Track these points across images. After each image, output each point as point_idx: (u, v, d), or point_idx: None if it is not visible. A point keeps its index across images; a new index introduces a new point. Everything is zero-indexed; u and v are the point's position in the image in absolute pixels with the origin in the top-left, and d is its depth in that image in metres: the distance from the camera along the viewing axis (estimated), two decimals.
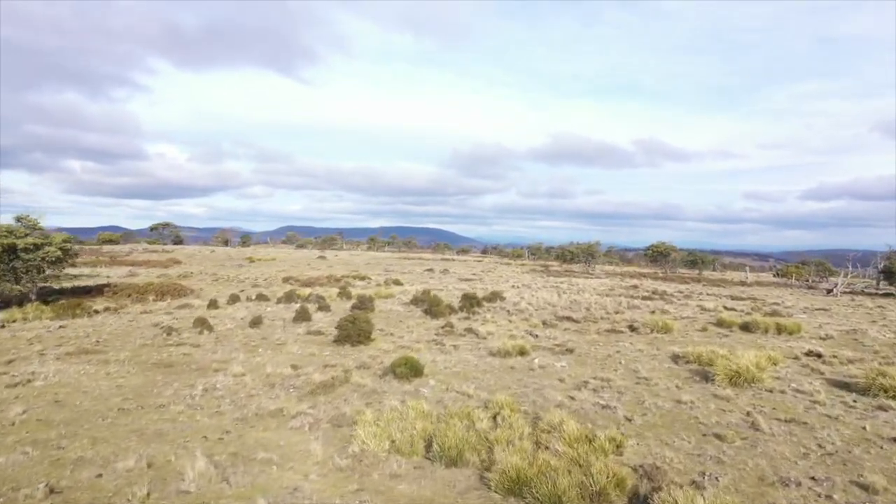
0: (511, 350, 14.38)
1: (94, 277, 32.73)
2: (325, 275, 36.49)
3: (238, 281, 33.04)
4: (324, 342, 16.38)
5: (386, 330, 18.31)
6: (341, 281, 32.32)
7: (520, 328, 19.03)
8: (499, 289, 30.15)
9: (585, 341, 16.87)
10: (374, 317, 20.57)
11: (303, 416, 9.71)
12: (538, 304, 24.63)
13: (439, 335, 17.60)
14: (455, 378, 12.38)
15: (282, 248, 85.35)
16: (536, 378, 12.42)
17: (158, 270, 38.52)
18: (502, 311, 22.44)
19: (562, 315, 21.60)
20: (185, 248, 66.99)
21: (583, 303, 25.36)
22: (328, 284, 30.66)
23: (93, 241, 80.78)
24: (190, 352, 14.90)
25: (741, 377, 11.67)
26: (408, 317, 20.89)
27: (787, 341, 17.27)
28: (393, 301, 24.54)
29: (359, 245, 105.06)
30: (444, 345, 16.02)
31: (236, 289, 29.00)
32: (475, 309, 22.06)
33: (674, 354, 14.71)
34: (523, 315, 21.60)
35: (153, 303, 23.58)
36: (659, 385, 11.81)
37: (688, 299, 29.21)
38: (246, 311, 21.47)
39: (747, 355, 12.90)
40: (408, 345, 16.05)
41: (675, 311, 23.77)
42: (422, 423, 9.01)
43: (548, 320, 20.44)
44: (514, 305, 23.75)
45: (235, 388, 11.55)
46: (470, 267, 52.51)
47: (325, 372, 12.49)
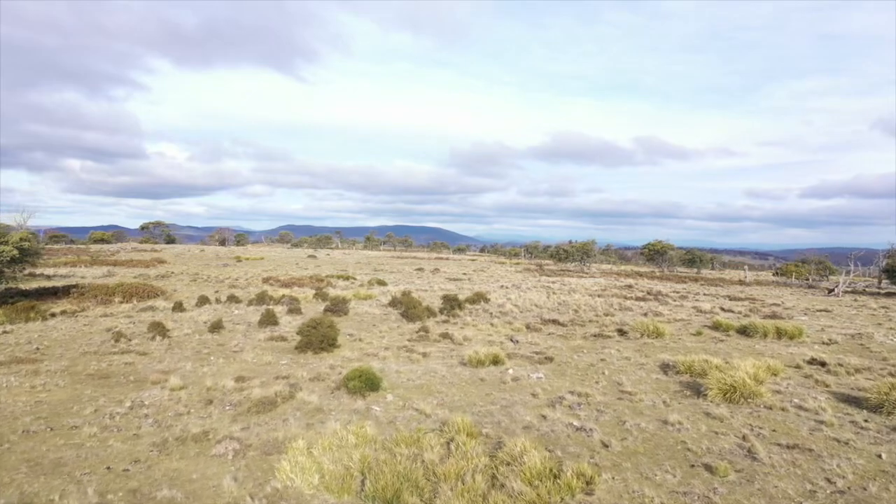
0: (484, 359, 12.99)
1: (67, 278, 31.36)
2: (309, 275, 35.12)
3: (217, 281, 31.67)
4: (284, 349, 15.00)
5: (356, 335, 16.95)
6: (324, 281, 30.97)
7: (501, 333, 17.67)
8: (486, 289, 28.79)
9: (569, 348, 15.50)
10: (346, 321, 19.23)
11: (229, 442, 8.34)
12: (524, 305, 23.25)
13: (412, 341, 16.23)
14: (416, 393, 11.00)
15: (275, 248, 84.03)
16: (507, 392, 11.03)
17: (139, 270, 37.16)
18: (485, 314, 21.06)
19: (548, 318, 20.23)
20: (174, 248, 65.64)
21: (572, 304, 23.97)
22: (309, 285, 29.29)
23: (84, 240, 79.50)
24: (134, 361, 13.52)
25: (737, 392, 10.29)
26: (383, 320, 19.53)
27: (787, 347, 15.89)
28: (371, 303, 23.17)
29: (355, 244, 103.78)
30: (413, 352, 14.64)
31: (212, 290, 27.65)
32: (456, 311, 20.69)
33: (663, 363, 13.33)
34: (507, 318, 20.22)
35: (118, 305, 22.22)
36: (644, 401, 10.43)
37: (683, 300, 27.83)
38: (212, 313, 20.11)
39: (744, 365, 11.54)
40: (374, 352, 14.68)
41: (669, 313, 22.39)
42: (362, 451, 7.66)
43: (532, 324, 19.06)
44: (498, 307, 22.37)
45: (166, 405, 10.18)
46: (462, 266, 51.14)
47: (271, 386, 11.11)
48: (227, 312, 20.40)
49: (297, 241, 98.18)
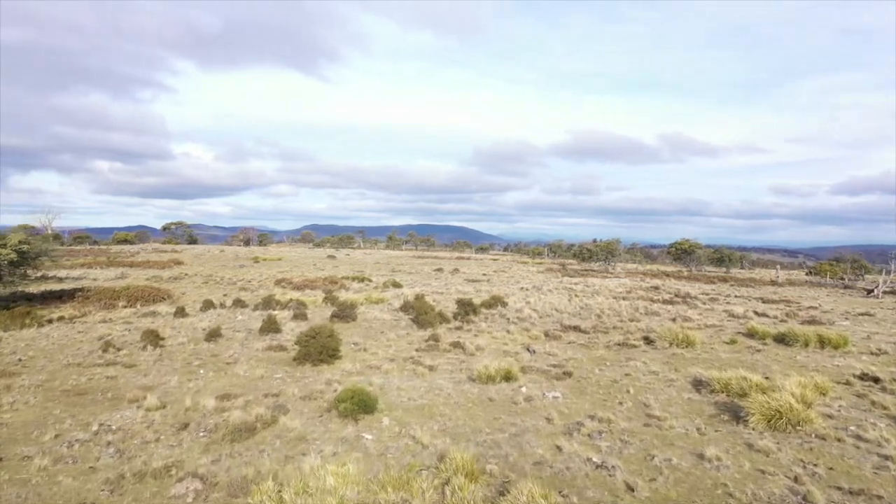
0: (495, 374, 11.69)
1: (79, 280, 30.73)
2: (324, 276, 34.12)
3: (229, 283, 30.79)
4: (281, 361, 13.87)
5: (361, 344, 15.76)
6: (338, 284, 29.91)
7: (517, 341, 16.36)
8: (504, 292, 27.46)
9: (590, 359, 14.12)
10: (353, 327, 18.08)
11: (192, 480, 7.19)
12: (544, 310, 21.88)
13: (420, 351, 15.00)
14: (416, 415, 9.76)
15: (296, 248, 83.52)
16: (518, 416, 9.73)
17: (153, 272, 36.51)
18: (501, 320, 19.73)
19: (568, 324, 18.86)
20: (195, 248, 65.32)
21: (595, 308, 22.54)
22: (322, 287, 28.24)
23: (108, 241, 79.80)
24: (117, 374, 12.49)
25: (783, 418, 8.88)
26: (392, 327, 18.32)
27: (832, 358, 14.33)
28: (382, 307, 21.98)
29: (377, 244, 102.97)
30: (420, 364, 13.40)
31: (221, 292, 26.74)
32: (470, 317, 19.40)
33: (695, 379, 11.91)
34: (524, 324, 18.89)
35: (120, 310, 21.35)
36: (675, 428, 9.05)
37: (714, 303, 26.21)
38: (214, 319, 19.11)
39: (789, 384, 10.10)
40: (378, 364, 13.47)
41: (698, 318, 20.86)
42: (341, 495, 6.45)
43: (551, 331, 17.72)
44: (516, 312, 21.02)
45: (136, 430, 9.08)
46: (483, 267, 49.81)
47: (255, 406, 9.96)
48: (229, 318, 19.39)
49: (319, 240, 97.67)
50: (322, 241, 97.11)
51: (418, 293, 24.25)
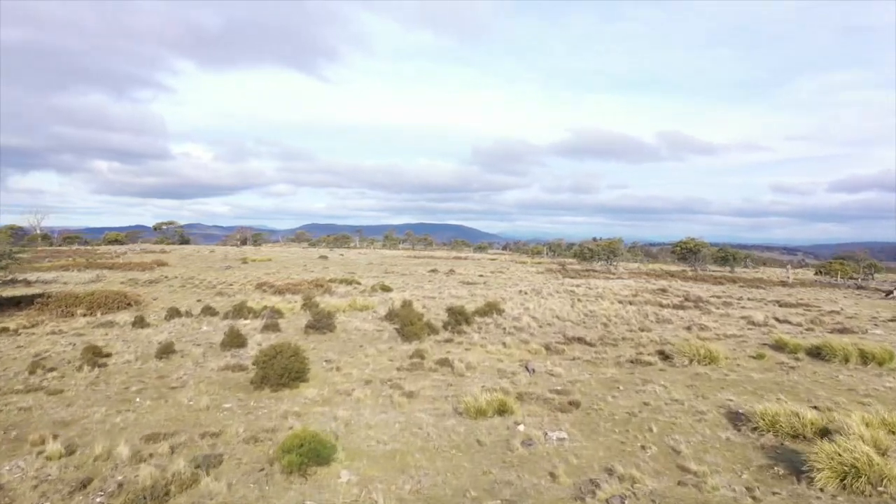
0: (486, 407, 9.52)
1: (47, 284, 28.58)
2: (311, 279, 31.96)
3: (208, 287, 28.61)
4: (237, 384, 11.73)
5: (335, 361, 13.62)
6: (323, 287, 27.73)
7: (514, 357, 14.23)
8: (501, 295, 25.32)
9: (599, 381, 11.98)
10: (330, 340, 15.95)
11: None
12: (544, 317, 19.73)
13: (402, 370, 12.86)
14: (384, 467, 7.61)
15: (290, 248, 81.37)
16: (514, 469, 7.57)
17: (132, 274, 34.38)
18: (497, 330, 17.57)
19: (572, 335, 16.72)
20: (185, 248, 63.15)
21: (600, 315, 20.40)
22: (305, 291, 26.08)
23: (98, 240, 77.65)
24: (34, 404, 10.33)
25: (861, 475, 6.75)
26: (374, 339, 16.17)
27: (879, 377, 12.26)
28: (366, 315, 19.83)
29: (373, 243, 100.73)
30: (399, 389, 11.27)
31: (195, 297, 24.59)
32: (462, 327, 17.25)
33: (729, 410, 9.77)
34: (522, 335, 16.73)
35: (78, 318, 19.19)
36: (719, 489, 6.89)
37: (728, 307, 24.09)
38: (175, 330, 16.98)
39: (854, 424, 7.97)
40: (349, 389, 11.33)
41: (715, 325, 18.73)
42: None
43: (552, 343, 15.57)
44: (513, 321, 18.85)
45: (19, 491, 6.95)
46: (480, 267, 47.65)
47: (179, 456, 7.81)
48: (193, 329, 17.25)
49: (315, 240, 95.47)
50: (318, 240, 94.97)
51: (407, 299, 22.10)
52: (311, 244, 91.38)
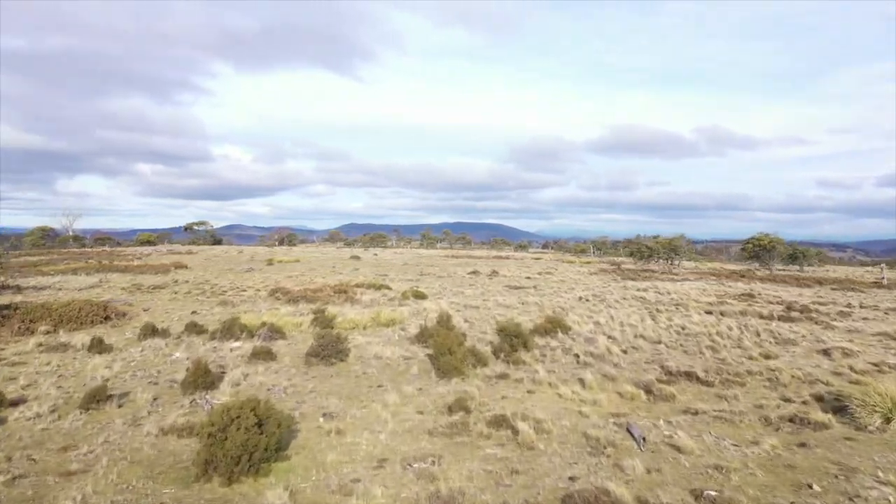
0: None
1: (41, 290, 24.89)
2: (335, 283, 27.64)
3: (216, 293, 24.47)
4: (175, 467, 7.24)
5: (339, 416, 9.03)
6: (347, 293, 23.31)
7: (601, 405, 9.48)
8: (559, 304, 20.46)
9: (763, 466, 7.10)
10: (339, 375, 11.43)
11: None
12: (625, 336, 14.86)
13: (437, 434, 8.22)
14: None
15: (323, 248, 77.64)
16: None
17: (141, 278, 30.64)
18: (566, 358, 12.76)
19: (673, 366, 11.82)
20: (213, 249, 59.78)
21: (695, 332, 15.45)
22: (323, 299, 21.68)
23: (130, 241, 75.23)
24: None
25: None
26: (399, 374, 11.57)
27: None
28: (391, 333, 15.25)
29: (410, 242, 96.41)
30: (433, 479, 6.66)
31: (194, 307, 20.43)
32: (519, 354, 12.52)
33: None
34: (604, 366, 11.92)
35: (37, 336, 15.14)
36: None
37: (845, 318, 18.84)
38: (139, 358, 12.70)
39: None
40: (352, 480, 6.76)
41: (859, 349, 13.62)
42: None
43: (650, 381, 10.71)
44: (585, 343, 14.00)
45: None
46: (525, 267, 42.74)
47: None
48: (163, 357, 12.94)
49: (351, 240, 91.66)
50: (353, 240, 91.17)
51: (443, 310, 17.42)
52: (346, 244, 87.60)
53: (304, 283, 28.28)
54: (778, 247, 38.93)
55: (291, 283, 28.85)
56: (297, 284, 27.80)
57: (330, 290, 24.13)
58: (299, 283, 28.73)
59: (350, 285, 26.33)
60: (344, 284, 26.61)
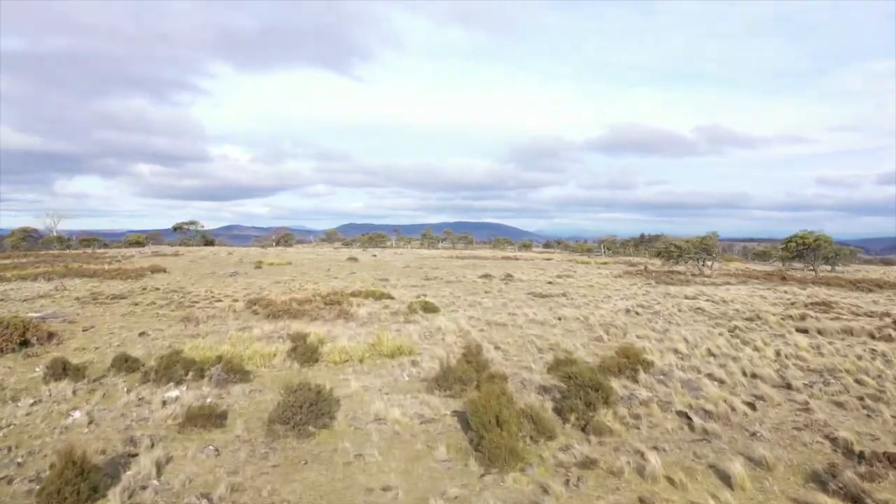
0: None
1: None
2: (329, 290, 23.19)
3: (185, 305, 19.91)
4: None
5: None
6: (341, 305, 18.86)
7: None
8: (606, 320, 15.95)
9: None
10: (318, 462, 6.91)
11: None
12: (728, 372, 10.39)
13: None
14: None
15: (320, 248, 73.10)
16: None
17: (106, 285, 26.16)
18: (670, 416, 8.31)
19: (846, 437, 7.35)
20: (201, 251, 55.16)
21: (821, 365, 11.02)
22: (313, 312, 17.22)
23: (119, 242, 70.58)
24: None
25: None
26: (416, 457, 7.07)
27: None
28: (398, 371, 10.75)
29: (411, 242, 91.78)
30: None
31: (149, 325, 15.94)
32: (598, 414, 8.03)
33: None
34: (733, 435, 7.48)
35: None
36: None
37: None
38: (16, 418, 8.23)
39: None
40: None
41: None
42: None
43: (834, 471, 6.28)
44: (684, 388, 9.52)
45: None
46: (539, 269, 38.29)
47: None
48: (56, 416, 8.45)
49: (350, 240, 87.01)
50: (352, 240, 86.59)
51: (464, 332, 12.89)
52: (344, 244, 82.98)
53: (292, 291, 23.81)
54: (826, 246, 34.45)
55: (278, 290, 24.37)
56: (283, 292, 23.33)
57: (320, 301, 19.63)
58: (286, 289, 24.24)
59: (345, 294, 21.82)
60: (338, 293, 22.11)
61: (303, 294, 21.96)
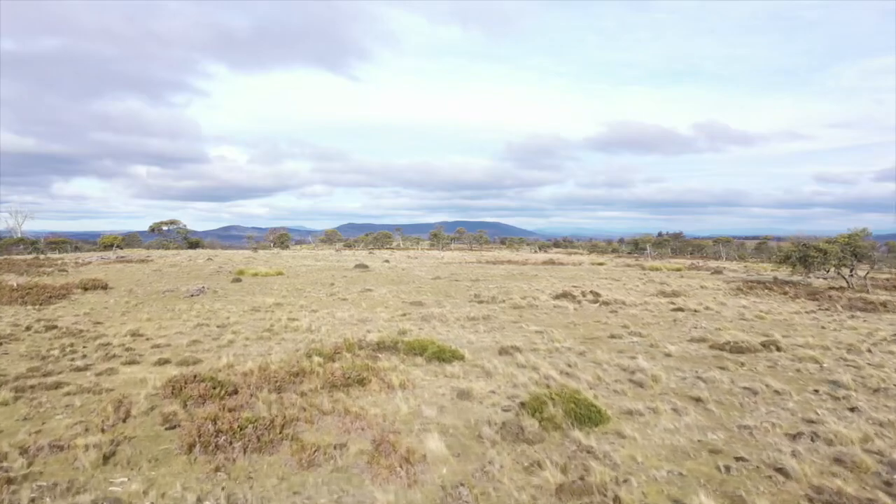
0: None
1: None
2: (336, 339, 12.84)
3: (78, 368, 9.58)
4: None
5: None
6: (366, 385, 8.60)
7: None
8: None
9: None
10: None
11: None
12: None
13: None
14: None
15: (319, 250, 62.36)
16: None
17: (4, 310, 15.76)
18: None
19: None
20: (178, 255, 44.47)
21: None
22: (302, 418, 6.98)
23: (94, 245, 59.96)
24: None
25: None
26: None
27: None
28: None
29: (419, 242, 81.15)
30: None
31: None
32: None
33: None
34: None
35: None
36: None
37: None
38: None
39: None
40: None
41: None
42: None
43: None
44: None
45: None
46: (609, 278, 27.89)
47: None
48: None
49: (351, 240, 76.19)
50: (354, 240, 75.83)
51: None
52: (346, 245, 72.23)
53: (271, 333, 13.37)
54: None
55: (249, 329, 13.90)
56: (252, 335, 12.86)
57: (316, 381, 9.15)
58: (258, 330, 13.77)
59: (368, 348, 11.37)
60: (353, 345, 11.60)
61: (287, 349, 11.42)
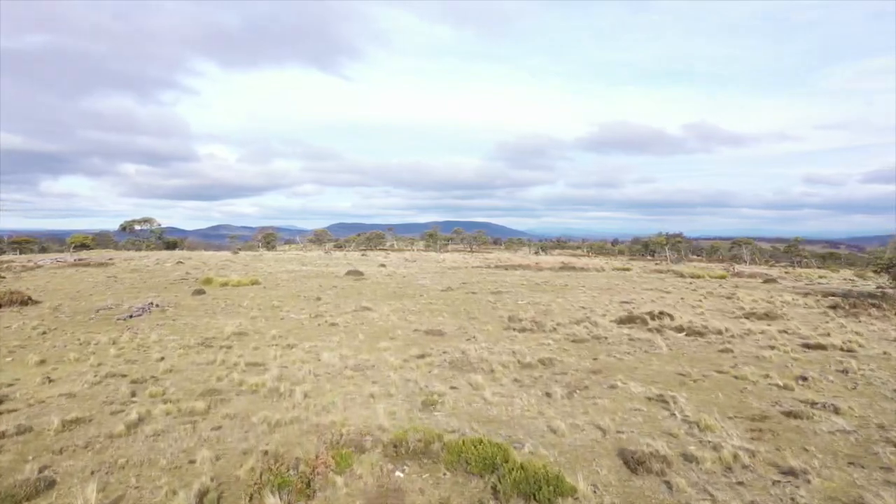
0: None
1: None
2: (315, 442, 7.66)
3: None
4: None
5: None
6: None
7: None
8: None
9: None
10: None
11: None
12: None
13: None
14: None
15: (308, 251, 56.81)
16: None
17: None
18: None
19: None
20: (145, 258, 38.88)
21: None
22: None
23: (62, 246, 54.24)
24: None
25: None
26: None
27: None
28: None
29: (413, 242, 75.84)
30: None
31: None
32: None
33: None
34: None
35: None
36: None
37: None
38: None
39: None
40: None
41: None
42: None
43: None
44: None
45: None
46: (633, 286, 22.81)
47: None
48: None
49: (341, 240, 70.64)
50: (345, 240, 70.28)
51: None
52: (336, 245, 66.70)
53: (212, 398, 8.10)
54: None
55: (177, 390, 8.62)
56: (180, 403, 7.52)
57: None
58: (195, 390, 8.48)
59: (371, 451, 6.17)
60: (343, 453, 6.37)
61: (226, 450, 6.13)
